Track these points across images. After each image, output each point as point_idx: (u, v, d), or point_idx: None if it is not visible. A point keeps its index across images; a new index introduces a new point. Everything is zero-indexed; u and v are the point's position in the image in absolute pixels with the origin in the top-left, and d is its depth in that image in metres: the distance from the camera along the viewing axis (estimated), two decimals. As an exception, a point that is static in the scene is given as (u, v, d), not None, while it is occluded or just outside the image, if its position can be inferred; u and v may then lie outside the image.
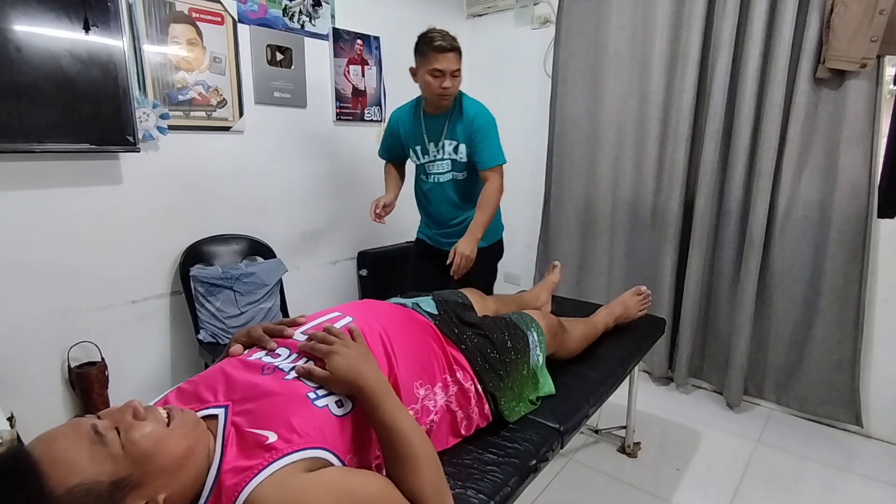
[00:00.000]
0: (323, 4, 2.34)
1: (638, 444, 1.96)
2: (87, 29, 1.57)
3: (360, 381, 0.84)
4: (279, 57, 2.22)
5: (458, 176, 1.95)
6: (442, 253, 1.95)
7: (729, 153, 2.18)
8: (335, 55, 2.42)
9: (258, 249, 2.19)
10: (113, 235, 1.83)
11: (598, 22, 2.44)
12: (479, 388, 1.14)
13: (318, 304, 2.44)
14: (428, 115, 1.92)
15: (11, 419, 1.30)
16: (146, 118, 1.81)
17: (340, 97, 2.48)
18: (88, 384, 1.76)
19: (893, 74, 1.85)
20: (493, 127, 1.89)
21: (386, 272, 2.70)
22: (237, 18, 2.05)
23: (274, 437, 0.75)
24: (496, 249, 2.09)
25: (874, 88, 1.85)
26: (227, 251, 2.10)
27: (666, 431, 2.11)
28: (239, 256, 2.13)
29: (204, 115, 2.00)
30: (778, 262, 2.12)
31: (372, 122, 2.65)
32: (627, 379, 1.80)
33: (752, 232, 2.10)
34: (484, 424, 1.16)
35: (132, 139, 1.72)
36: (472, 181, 1.95)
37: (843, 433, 2.09)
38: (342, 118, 2.51)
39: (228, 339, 1.61)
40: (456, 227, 2.02)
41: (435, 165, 1.95)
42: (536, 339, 1.32)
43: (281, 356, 0.92)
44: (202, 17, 1.94)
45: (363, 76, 2.56)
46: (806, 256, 2.06)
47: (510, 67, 2.92)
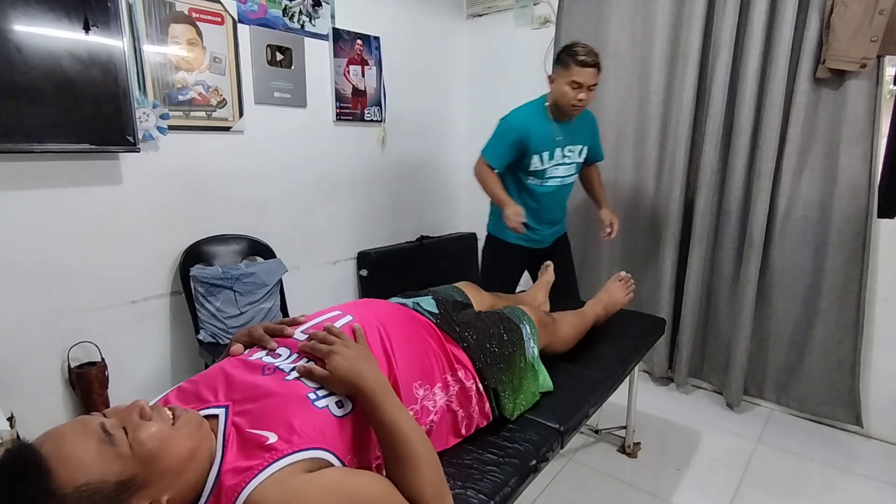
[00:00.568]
0: (323, 4, 2.34)
1: (638, 444, 1.96)
2: (87, 29, 1.57)
3: (359, 381, 0.84)
4: (279, 57, 2.21)
5: (575, 176, 2.11)
6: (541, 252, 2.14)
7: (729, 153, 2.18)
8: (335, 55, 2.42)
9: (258, 249, 2.19)
10: (113, 235, 1.83)
11: (598, 22, 2.44)
12: (479, 385, 1.14)
13: (318, 304, 2.44)
14: (559, 122, 1.98)
15: (11, 419, 1.30)
16: (146, 118, 1.81)
17: (340, 97, 2.48)
18: (88, 384, 1.76)
19: (893, 74, 1.85)
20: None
21: (386, 272, 2.70)
22: (237, 18, 2.05)
23: (274, 437, 0.75)
24: None
25: (874, 88, 1.85)
26: (227, 251, 2.10)
27: (666, 431, 2.11)
28: (239, 256, 2.13)
29: (204, 115, 2.00)
30: (778, 262, 2.12)
31: (372, 122, 2.65)
32: (627, 379, 1.80)
33: (752, 232, 2.10)
34: (484, 424, 1.16)
35: (132, 139, 1.72)
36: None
37: (843, 433, 2.09)
38: (342, 118, 2.51)
39: (228, 339, 1.61)
40: (560, 221, 2.20)
41: (559, 169, 2.02)
42: (529, 331, 1.34)
43: (281, 356, 0.92)
44: (202, 17, 1.94)
45: (363, 76, 2.56)
46: (806, 256, 2.06)
47: (510, 67, 2.92)
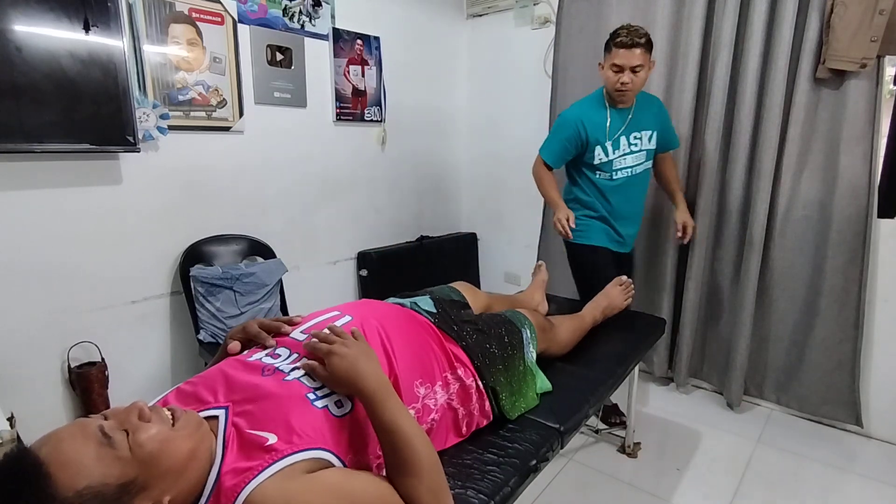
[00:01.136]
0: (323, 4, 2.34)
1: (638, 444, 1.96)
2: (87, 29, 1.57)
3: (359, 381, 0.83)
4: (279, 57, 2.22)
5: (648, 165, 1.98)
6: (624, 258, 2.04)
7: (729, 153, 2.18)
8: (335, 55, 2.42)
9: (258, 249, 2.19)
10: (113, 235, 1.83)
11: (598, 22, 2.44)
12: (479, 383, 1.14)
13: (318, 304, 2.44)
14: (617, 108, 1.89)
15: (11, 419, 1.29)
16: (146, 118, 1.81)
17: (340, 97, 2.48)
18: (88, 384, 1.76)
19: (893, 74, 1.85)
20: None
21: (386, 272, 2.70)
22: (237, 18, 2.05)
23: (274, 438, 0.75)
24: None
25: (874, 88, 1.85)
26: (227, 251, 2.10)
27: (666, 431, 2.11)
28: (239, 256, 2.13)
29: (204, 115, 2.00)
30: (778, 262, 2.12)
31: (372, 122, 2.65)
32: (627, 379, 1.80)
33: (752, 232, 2.10)
34: (485, 423, 1.17)
35: (132, 139, 1.72)
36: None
37: (843, 433, 2.09)
38: (342, 118, 2.51)
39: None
40: (639, 220, 2.08)
41: (627, 159, 1.92)
42: (529, 335, 1.35)
43: (281, 356, 0.92)
44: (202, 17, 1.94)
45: (363, 76, 2.56)
46: (806, 256, 2.06)
47: (510, 67, 2.92)
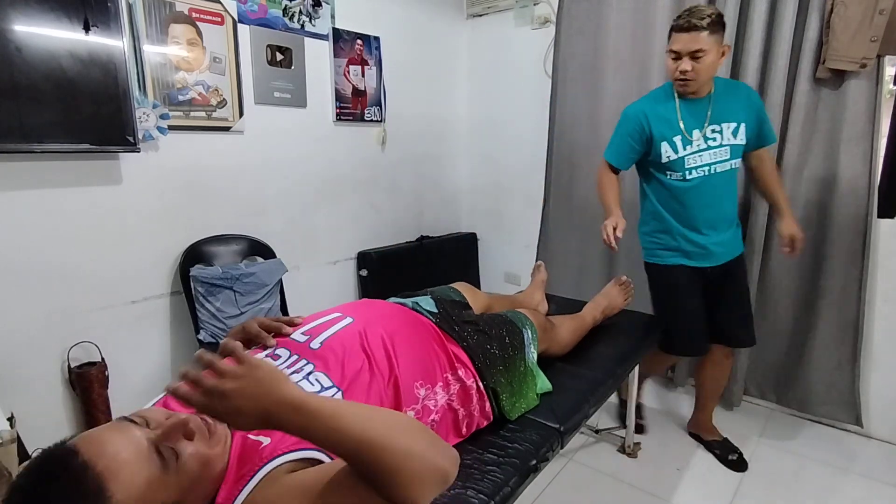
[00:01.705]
0: (323, 4, 2.34)
1: (638, 444, 1.96)
2: (87, 29, 1.57)
3: (274, 424, 0.63)
4: (279, 57, 2.21)
5: (735, 164, 1.70)
6: (712, 274, 1.76)
7: (729, 153, 2.18)
8: (335, 55, 2.42)
9: (258, 249, 2.19)
10: (113, 235, 1.83)
11: (597, 22, 2.44)
12: (480, 384, 1.14)
13: (318, 304, 2.45)
14: (687, 99, 1.67)
15: (11, 419, 1.29)
16: (146, 118, 1.81)
17: (340, 97, 2.48)
18: (88, 384, 1.75)
19: (893, 74, 1.85)
20: None
21: (386, 272, 2.70)
22: (237, 18, 2.05)
23: (267, 440, 0.75)
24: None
25: (874, 88, 1.85)
26: (227, 251, 2.10)
27: (666, 431, 2.11)
28: (239, 256, 2.13)
29: (204, 115, 2.00)
30: (778, 262, 2.11)
31: (372, 122, 2.65)
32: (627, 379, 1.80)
33: (752, 232, 2.10)
34: (485, 423, 1.17)
35: (132, 139, 1.72)
36: (737, 170, 1.75)
37: (843, 433, 2.09)
38: (342, 118, 2.51)
39: (228, 339, 1.61)
40: (730, 227, 1.77)
41: (703, 156, 1.67)
42: (530, 336, 1.35)
43: (281, 357, 0.92)
44: (202, 17, 1.94)
45: (363, 76, 2.56)
46: (806, 256, 2.05)
47: (510, 67, 2.92)
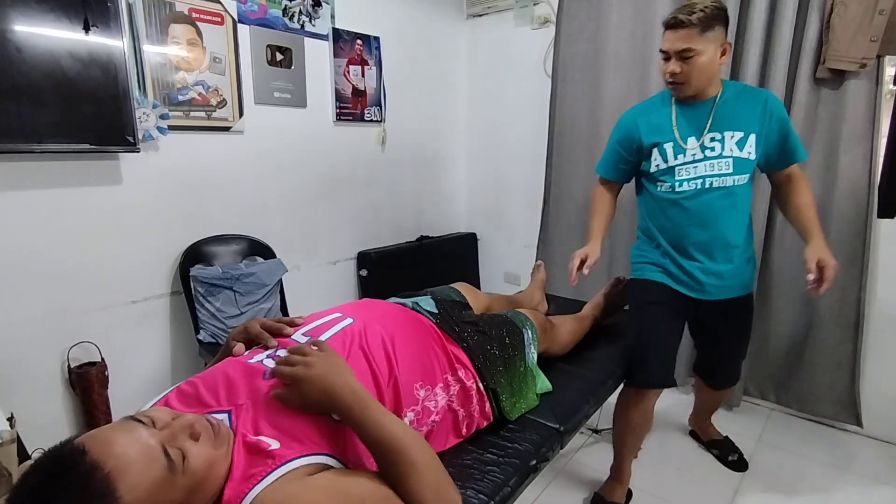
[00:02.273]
0: (323, 4, 2.34)
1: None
2: (87, 29, 1.57)
3: (334, 401, 0.80)
4: (279, 57, 2.21)
5: (739, 181, 1.45)
6: (703, 305, 1.52)
7: (729, 153, 2.18)
8: (335, 55, 2.42)
9: (258, 249, 2.19)
10: (113, 236, 1.83)
11: (598, 22, 2.44)
12: (480, 385, 1.14)
13: (318, 304, 2.45)
14: (686, 104, 1.48)
15: (11, 419, 1.29)
16: (146, 118, 1.81)
17: (340, 97, 2.48)
18: (88, 384, 1.76)
19: (893, 74, 1.85)
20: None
21: (386, 272, 2.70)
22: (237, 18, 2.05)
23: (276, 444, 0.75)
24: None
25: (874, 88, 1.85)
26: (227, 251, 2.10)
27: (666, 431, 2.11)
28: (239, 256, 2.13)
29: (204, 115, 2.00)
30: (778, 262, 2.11)
31: (372, 122, 2.65)
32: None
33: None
34: (485, 424, 1.17)
35: (132, 139, 1.72)
36: (749, 191, 1.50)
37: (843, 433, 2.09)
38: (342, 118, 2.51)
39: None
40: (731, 258, 1.49)
41: (697, 167, 1.45)
42: (531, 336, 1.34)
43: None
44: (202, 17, 1.94)
45: (363, 76, 2.56)
46: (806, 256, 2.06)
47: (510, 67, 2.92)
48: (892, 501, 1.72)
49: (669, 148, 1.48)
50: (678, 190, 1.49)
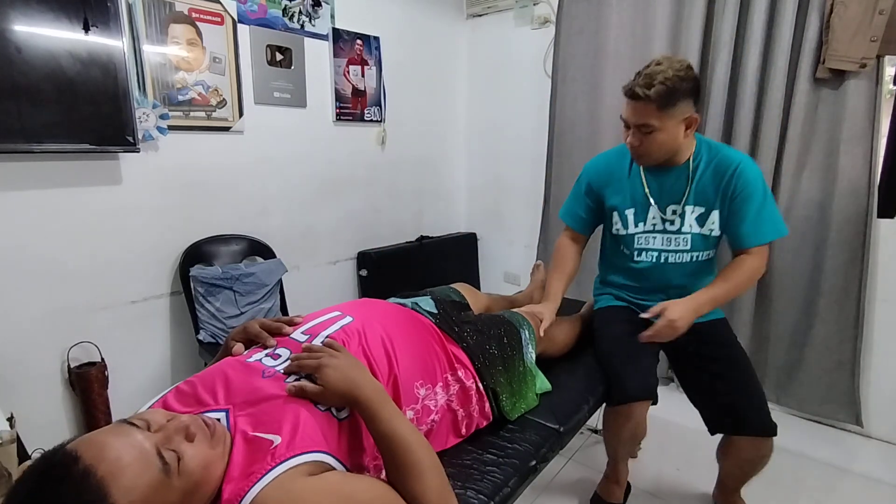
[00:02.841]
0: (323, 4, 2.34)
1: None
2: (86, 29, 1.57)
3: (355, 391, 0.83)
4: (279, 57, 2.21)
5: (700, 256, 1.38)
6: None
7: (729, 153, 2.18)
8: (335, 55, 2.42)
9: (258, 249, 2.19)
10: (113, 236, 1.83)
11: (597, 22, 2.44)
12: (479, 385, 1.14)
13: (318, 304, 2.45)
14: (653, 168, 1.37)
15: (11, 419, 1.29)
16: (146, 118, 1.81)
17: (340, 97, 2.48)
18: (88, 384, 1.76)
19: (893, 74, 1.85)
20: (763, 183, 1.30)
21: (386, 272, 2.70)
22: (237, 19, 2.05)
23: (278, 440, 0.75)
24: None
25: (874, 88, 1.85)
26: (227, 251, 2.10)
27: (666, 431, 2.11)
28: (239, 256, 2.13)
29: (204, 115, 2.00)
30: (778, 262, 2.11)
31: (372, 122, 2.65)
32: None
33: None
34: (484, 424, 1.17)
35: (132, 139, 1.72)
36: (714, 260, 1.43)
37: (843, 433, 2.09)
38: (342, 118, 2.51)
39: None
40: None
41: (656, 239, 1.38)
42: (528, 336, 1.34)
43: (281, 357, 0.92)
44: (202, 17, 1.94)
45: (363, 76, 2.56)
46: (806, 256, 2.06)
47: (510, 67, 2.92)
48: (892, 501, 1.72)
49: (630, 214, 1.41)
50: (637, 260, 1.44)
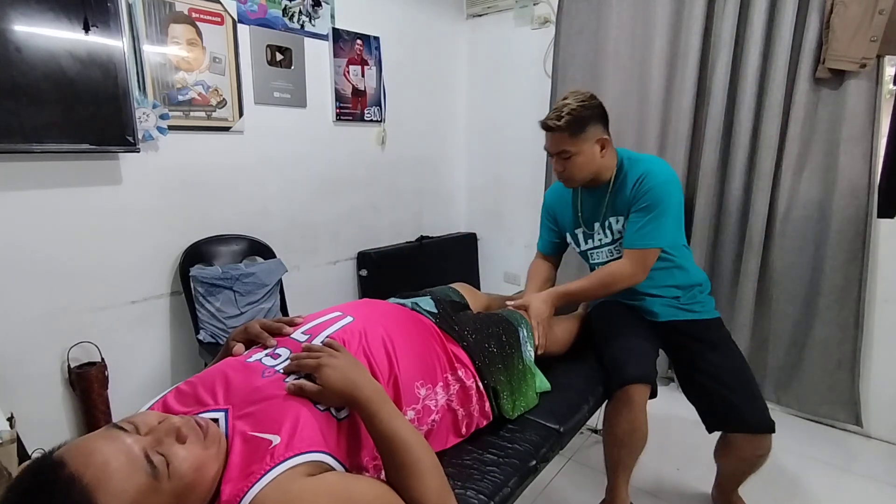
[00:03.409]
0: (323, 4, 2.34)
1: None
2: (86, 29, 1.57)
3: (355, 391, 0.82)
4: (279, 57, 2.21)
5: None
6: (660, 326, 1.52)
7: (729, 153, 2.18)
8: (335, 55, 2.42)
9: (258, 249, 2.19)
10: (113, 236, 1.83)
11: (597, 22, 2.44)
12: (479, 384, 1.14)
13: (318, 304, 2.45)
14: (591, 188, 1.50)
15: (11, 419, 1.29)
16: (146, 118, 1.81)
17: (340, 97, 2.48)
18: (88, 384, 1.76)
19: (893, 74, 1.85)
20: (665, 193, 1.37)
21: (386, 272, 2.70)
22: (237, 19, 2.05)
23: (277, 440, 0.74)
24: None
25: (874, 88, 1.85)
26: (227, 251, 2.10)
27: (666, 431, 2.11)
28: (239, 256, 2.13)
29: (204, 115, 2.00)
30: (778, 262, 2.12)
31: (372, 122, 2.65)
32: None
33: (751, 232, 2.10)
34: (484, 423, 1.16)
35: (132, 139, 1.72)
36: (684, 256, 1.51)
37: (843, 433, 2.09)
38: (342, 118, 2.51)
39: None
40: (674, 297, 1.51)
41: (602, 252, 1.52)
42: (526, 334, 1.34)
43: (281, 356, 0.92)
44: (202, 17, 1.94)
45: (363, 76, 2.56)
46: (806, 256, 2.06)
47: (510, 67, 2.92)
48: (892, 501, 1.72)
49: (580, 234, 1.57)
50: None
